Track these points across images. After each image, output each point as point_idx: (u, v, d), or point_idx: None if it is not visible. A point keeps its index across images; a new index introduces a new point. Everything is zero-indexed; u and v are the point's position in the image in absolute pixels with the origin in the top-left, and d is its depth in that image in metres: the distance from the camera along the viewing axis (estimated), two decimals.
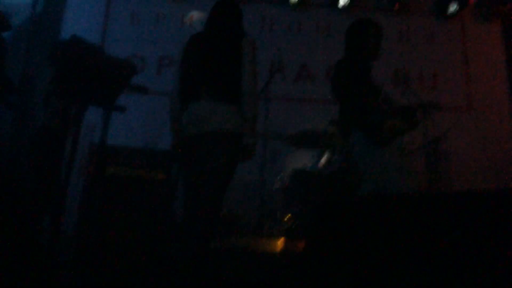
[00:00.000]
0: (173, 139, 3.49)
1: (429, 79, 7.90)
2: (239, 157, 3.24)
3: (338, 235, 2.19)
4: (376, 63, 7.40)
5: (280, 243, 4.75)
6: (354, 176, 4.66)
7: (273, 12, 8.14)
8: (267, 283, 3.52)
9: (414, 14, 8.36)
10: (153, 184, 4.79)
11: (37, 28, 7.51)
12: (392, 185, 3.65)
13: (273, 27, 8.07)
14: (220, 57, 3.27)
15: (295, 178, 5.67)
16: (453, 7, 8.11)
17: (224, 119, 3.16)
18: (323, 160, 5.93)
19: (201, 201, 3.11)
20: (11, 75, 3.96)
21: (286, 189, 5.76)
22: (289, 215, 5.46)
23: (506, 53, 8.22)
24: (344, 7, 8.07)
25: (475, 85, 7.98)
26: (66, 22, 7.73)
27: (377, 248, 2.04)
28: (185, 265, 2.97)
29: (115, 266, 3.97)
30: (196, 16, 7.98)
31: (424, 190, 6.19)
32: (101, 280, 3.49)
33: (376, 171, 3.71)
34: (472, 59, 8.16)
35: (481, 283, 1.81)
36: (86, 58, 2.62)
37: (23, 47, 7.17)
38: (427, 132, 5.82)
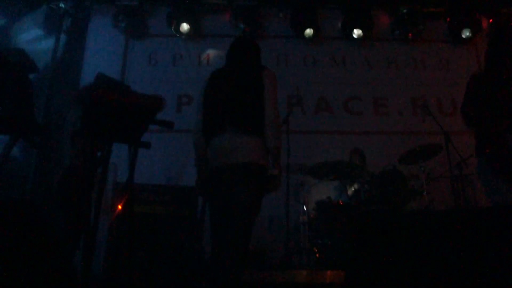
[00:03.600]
0: (198, 173, 3.49)
1: (447, 104, 7.86)
2: (265, 188, 3.24)
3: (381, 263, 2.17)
4: (394, 91, 7.44)
5: (307, 275, 4.70)
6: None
7: (288, 46, 8.22)
8: None
9: (429, 41, 8.39)
10: (179, 220, 4.81)
11: (58, 71, 7.72)
12: None
13: (289, 61, 8.14)
14: (242, 91, 3.30)
15: (320, 209, 5.64)
16: (465, 33, 8.12)
17: (249, 151, 3.16)
18: (349, 190, 5.90)
19: (230, 235, 3.08)
20: (35, 115, 4.05)
21: (311, 221, 5.72)
22: (314, 248, 5.42)
23: None
24: (358, 38, 8.09)
25: None
26: (86, 65, 7.88)
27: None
28: None
29: None
30: (212, 54, 8.12)
31: None
32: None
33: None
34: None
35: None
36: (112, 95, 2.66)
37: (46, 89, 7.36)
38: (450, 158, 5.78)
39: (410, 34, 8.24)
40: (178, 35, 8.05)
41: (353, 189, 5.92)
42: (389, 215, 5.05)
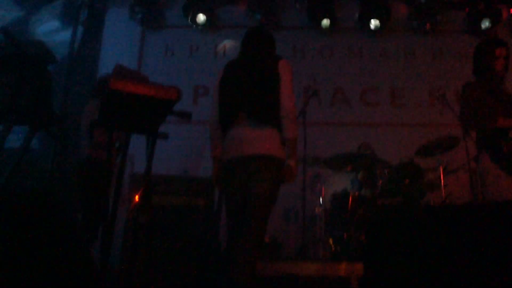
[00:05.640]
0: (214, 165, 3.50)
1: None
2: (281, 180, 3.23)
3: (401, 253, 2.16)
4: (411, 82, 7.36)
5: (324, 266, 4.69)
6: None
7: (304, 37, 8.19)
8: None
9: (447, 32, 8.27)
10: (195, 212, 4.82)
11: (76, 62, 7.78)
12: None
13: (306, 53, 8.11)
14: (257, 81, 3.29)
15: (336, 201, 5.63)
16: (485, 24, 7.97)
17: (265, 142, 3.16)
18: (366, 182, 5.87)
19: (246, 226, 3.09)
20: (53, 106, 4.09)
21: (327, 212, 5.71)
22: (331, 239, 5.41)
23: None
24: (375, 29, 8.01)
25: None
26: (103, 56, 7.95)
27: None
28: None
29: None
30: (228, 45, 8.11)
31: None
32: None
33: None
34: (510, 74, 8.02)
35: None
36: (130, 86, 2.66)
37: (63, 80, 7.42)
38: (468, 150, 5.71)
39: (428, 25, 8.11)
40: (194, 26, 8.05)
41: (369, 181, 5.89)
42: (407, 208, 5.04)
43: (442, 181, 5.66)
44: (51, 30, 8.20)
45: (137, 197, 4.49)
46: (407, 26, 8.30)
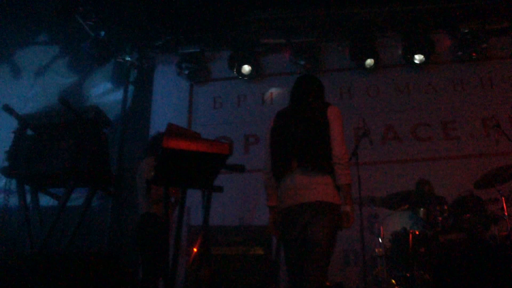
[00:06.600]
0: (270, 214, 3.51)
1: None
2: (338, 226, 3.21)
3: None
4: (462, 113, 7.21)
5: None
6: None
7: (350, 78, 8.23)
8: None
9: (493, 59, 8.11)
10: (254, 261, 4.82)
11: (128, 121, 8.08)
12: None
13: (353, 93, 8.13)
14: (308, 129, 3.31)
15: (395, 240, 5.51)
16: None
17: (319, 189, 3.16)
18: (425, 220, 5.73)
19: (307, 274, 3.07)
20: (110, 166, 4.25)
21: (387, 252, 5.59)
22: (393, 280, 5.28)
23: None
24: (420, 63, 7.97)
25: None
26: (154, 113, 8.21)
27: None
28: None
29: None
30: (275, 92, 8.23)
31: None
32: None
33: None
34: None
35: None
36: (183, 144, 2.76)
37: (118, 139, 7.69)
38: None
39: (474, 54, 7.98)
40: (240, 77, 8.24)
41: (429, 218, 5.74)
42: (471, 243, 4.86)
43: (505, 212, 5.46)
44: (103, 92, 8.60)
45: (195, 249, 4.54)
46: (452, 57, 8.22)
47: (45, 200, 3.86)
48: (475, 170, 6.34)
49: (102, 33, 7.91)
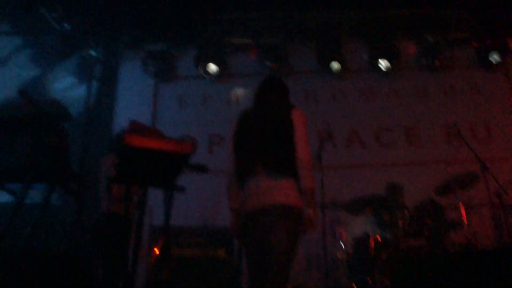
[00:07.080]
0: (232, 217, 3.46)
1: (481, 131, 7.71)
2: (301, 230, 3.19)
3: None
4: (425, 120, 7.34)
5: None
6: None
7: (316, 81, 8.26)
8: None
9: (457, 68, 8.27)
10: (215, 263, 4.77)
11: (92, 117, 7.90)
12: None
13: (318, 96, 8.17)
14: (271, 132, 3.28)
15: (357, 245, 5.54)
16: (493, 57, 7.92)
17: (283, 193, 3.13)
18: (386, 225, 5.77)
19: (267, 278, 3.03)
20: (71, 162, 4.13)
21: (349, 257, 5.61)
22: (354, 285, 5.30)
23: None
24: (386, 69, 8.05)
25: None
26: (118, 110, 8.09)
27: None
28: None
29: None
30: (241, 92, 8.20)
31: (492, 243, 5.94)
32: None
33: None
34: None
35: None
36: (145, 142, 2.70)
37: (80, 135, 7.51)
38: (488, 186, 5.63)
39: (437, 61, 8.13)
40: (206, 76, 8.17)
41: (390, 223, 5.79)
42: (431, 251, 4.92)
43: (464, 218, 5.55)
44: (66, 87, 8.38)
45: (156, 250, 4.47)
46: (416, 65, 8.34)
47: (3, 197, 3.73)
48: (436, 176, 6.43)
49: (67, 26, 7.72)
